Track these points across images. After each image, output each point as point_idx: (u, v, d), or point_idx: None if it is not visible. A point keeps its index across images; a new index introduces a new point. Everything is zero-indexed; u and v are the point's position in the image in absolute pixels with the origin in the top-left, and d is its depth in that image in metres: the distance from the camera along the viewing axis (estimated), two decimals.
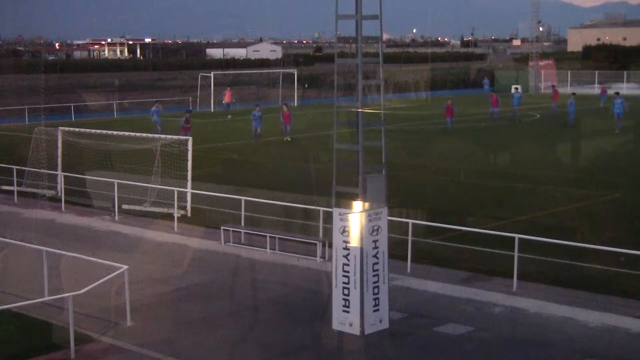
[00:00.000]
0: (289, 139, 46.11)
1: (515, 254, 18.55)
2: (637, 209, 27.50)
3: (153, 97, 71.67)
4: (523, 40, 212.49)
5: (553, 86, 70.05)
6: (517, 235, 18.77)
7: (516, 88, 72.81)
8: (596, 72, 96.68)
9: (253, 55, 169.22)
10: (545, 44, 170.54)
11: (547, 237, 19.73)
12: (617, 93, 59.71)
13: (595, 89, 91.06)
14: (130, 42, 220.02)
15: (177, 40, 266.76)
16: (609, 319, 16.65)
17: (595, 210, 27.71)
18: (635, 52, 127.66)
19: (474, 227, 21.98)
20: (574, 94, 61.86)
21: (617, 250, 18.43)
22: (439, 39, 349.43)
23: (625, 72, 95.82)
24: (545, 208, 27.72)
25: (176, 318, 17.17)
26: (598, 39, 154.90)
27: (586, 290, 18.34)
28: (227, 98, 67.23)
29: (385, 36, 35.59)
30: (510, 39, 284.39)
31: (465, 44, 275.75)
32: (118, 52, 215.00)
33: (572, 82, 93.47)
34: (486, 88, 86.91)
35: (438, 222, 21.95)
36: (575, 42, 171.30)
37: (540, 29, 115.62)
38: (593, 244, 19.06)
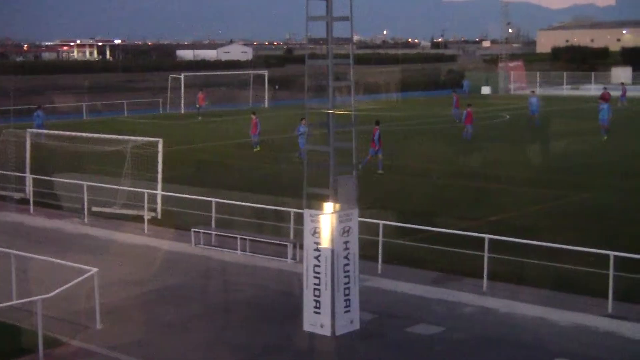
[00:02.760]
0: (258, 149, 43.87)
1: (485, 254, 18.64)
2: (606, 209, 27.73)
3: (123, 99, 71.39)
4: (493, 42, 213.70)
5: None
6: (487, 236, 18.86)
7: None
8: (565, 73, 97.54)
9: (224, 57, 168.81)
10: (515, 45, 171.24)
11: (517, 238, 19.84)
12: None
13: (564, 90, 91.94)
14: (100, 44, 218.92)
15: (148, 42, 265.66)
16: (579, 318, 16.78)
17: (565, 210, 27.92)
18: (602, 54, 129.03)
19: (445, 228, 22.06)
20: (532, 91, 62.40)
21: (587, 250, 18.57)
22: (410, 40, 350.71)
23: (592, 74, 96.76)
24: (516, 208, 27.89)
25: (147, 321, 17.08)
26: (566, 41, 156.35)
27: (556, 290, 18.48)
28: (200, 101, 67.10)
29: (355, 37, 35.71)
30: (480, 41, 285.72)
31: (436, 45, 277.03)
32: (87, 53, 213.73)
33: (541, 83, 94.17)
34: (465, 89, 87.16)
35: (409, 223, 22.00)
36: (544, 43, 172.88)
37: (510, 30, 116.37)
38: (563, 244, 19.18)
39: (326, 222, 15.69)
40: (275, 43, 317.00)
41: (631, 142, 45.86)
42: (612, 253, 17.14)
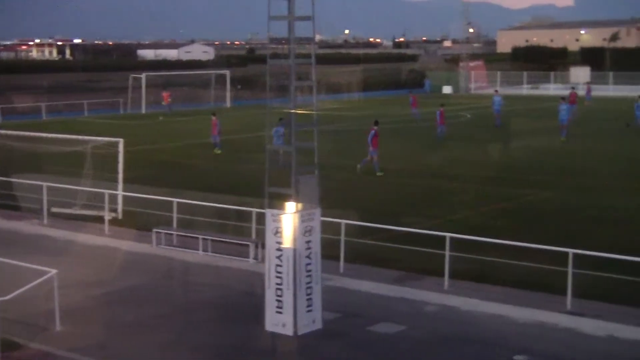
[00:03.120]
0: (219, 152, 43.04)
1: (447, 253, 18.76)
2: (566, 207, 28.04)
3: (84, 99, 70.73)
4: (454, 42, 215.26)
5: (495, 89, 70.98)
6: (448, 235, 18.98)
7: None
8: (524, 73, 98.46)
9: (185, 57, 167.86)
10: (475, 45, 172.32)
11: (478, 236, 20.00)
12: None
13: (524, 90, 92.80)
14: (60, 43, 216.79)
15: (108, 41, 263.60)
16: (538, 315, 16.95)
17: (525, 208, 28.17)
18: (561, 54, 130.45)
19: (407, 227, 22.17)
20: (496, 90, 62.86)
21: (546, 248, 18.77)
22: (371, 40, 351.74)
23: (552, 73, 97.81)
24: (477, 207, 28.10)
25: (107, 322, 16.94)
26: (526, 41, 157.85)
27: (516, 288, 18.66)
28: (165, 99, 66.81)
29: (317, 37, 35.56)
30: (442, 40, 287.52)
31: (397, 45, 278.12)
32: (47, 53, 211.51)
33: (502, 82, 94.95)
34: (426, 89, 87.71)
35: (371, 222, 22.07)
36: (505, 43, 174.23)
37: (471, 30, 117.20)
38: (523, 242, 19.37)
39: (288, 221, 15.69)
40: (237, 43, 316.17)
41: (589, 142, 46.33)
42: (570, 250, 17.34)
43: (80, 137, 29.80)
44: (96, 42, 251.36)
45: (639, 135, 49.18)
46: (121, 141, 28.07)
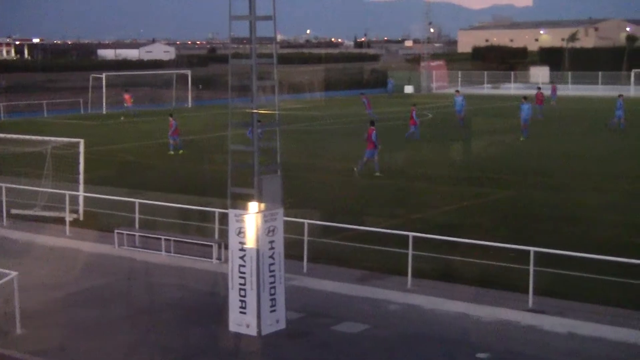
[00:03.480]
0: (174, 152, 42.55)
1: (410, 252, 18.83)
2: (526, 206, 28.28)
3: (43, 99, 69.99)
4: (415, 42, 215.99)
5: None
6: (411, 234, 19.05)
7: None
8: (485, 72, 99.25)
9: (146, 56, 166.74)
10: (437, 45, 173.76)
11: (440, 235, 20.11)
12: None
13: (485, 89, 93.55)
14: (17, 43, 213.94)
15: (67, 41, 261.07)
16: (501, 313, 17.08)
17: (487, 207, 28.38)
18: (521, 54, 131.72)
19: (370, 227, 22.23)
20: (457, 91, 63.22)
21: (507, 246, 18.94)
22: (333, 39, 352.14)
23: (512, 73, 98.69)
24: (438, 206, 28.26)
25: (69, 324, 16.79)
26: (486, 40, 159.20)
27: (478, 286, 18.78)
28: (127, 101, 66.22)
29: (279, 37, 35.59)
30: (403, 40, 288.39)
31: (359, 44, 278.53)
32: (4, 52, 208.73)
33: (463, 82, 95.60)
34: (389, 89, 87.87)
35: (334, 222, 22.11)
36: (465, 43, 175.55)
37: (431, 30, 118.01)
38: (484, 241, 19.52)
39: (251, 222, 15.66)
40: (198, 42, 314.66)
41: (553, 141, 46.74)
42: (532, 249, 17.49)
43: (40, 137, 29.49)
44: (55, 41, 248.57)
45: (607, 133, 49.72)
46: (82, 141, 27.81)
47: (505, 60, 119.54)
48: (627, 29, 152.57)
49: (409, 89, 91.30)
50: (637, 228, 24.85)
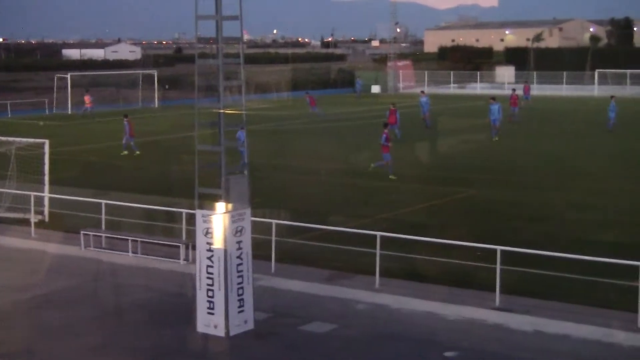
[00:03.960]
0: (132, 153, 42.14)
1: (377, 251, 18.89)
2: (491, 205, 28.47)
3: (7, 99, 69.22)
4: (382, 41, 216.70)
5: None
6: (378, 233, 19.11)
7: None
8: (451, 72, 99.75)
9: (112, 56, 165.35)
10: (403, 44, 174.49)
11: (408, 234, 20.19)
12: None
13: (451, 89, 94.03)
14: None
15: (31, 40, 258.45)
16: (467, 312, 17.18)
17: (454, 206, 28.53)
18: (487, 54, 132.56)
19: (338, 226, 22.26)
20: (422, 91, 63.44)
21: (474, 245, 19.07)
22: (300, 39, 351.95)
23: (478, 73, 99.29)
24: (406, 206, 28.35)
25: (35, 327, 16.64)
26: (453, 40, 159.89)
27: (446, 285, 18.89)
28: (87, 103, 65.60)
29: (245, 37, 35.50)
30: (369, 40, 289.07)
31: (326, 44, 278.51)
32: None
33: (429, 82, 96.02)
34: (358, 89, 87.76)
35: (302, 222, 22.11)
36: (432, 43, 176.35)
37: (398, 30, 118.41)
38: (451, 240, 19.63)
39: (218, 222, 15.62)
40: (164, 42, 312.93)
41: (522, 141, 46.97)
42: (498, 247, 17.62)
43: (3, 138, 29.18)
44: (19, 41, 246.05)
45: (577, 135, 50.13)
46: (47, 142, 27.58)
47: (471, 60, 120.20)
48: (591, 29, 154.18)
49: (376, 89, 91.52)
50: (601, 226, 25.14)
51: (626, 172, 35.30)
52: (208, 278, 15.85)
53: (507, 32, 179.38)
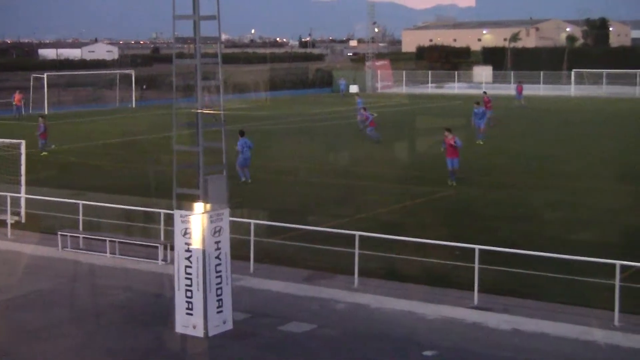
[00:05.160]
0: (46, 154, 41.36)
1: (356, 251, 18.90)
2: (468, 205, 28.57)
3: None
4: (359, 41, 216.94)
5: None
6: (357, 233, 19.13)
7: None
8: (429, 72, 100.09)
9: (88, 56, 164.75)
10: (381, 44, 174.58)
11: (386, 234, 20.22)
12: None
13: (429, 89, 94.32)
14: None
15: (7, 40, 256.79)
16: (446, 311, 17.23)
17: (431, 206, 28.61)
18: (464, 53, 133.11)
19: (316, 226, 22.26)
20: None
21: (453, 244, 19.13)
22: (278, 39, 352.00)
23: (456, 72, 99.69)
24: (384, 205, 28.40)
25: (12, 328, 16.51)
26: (430, 40, 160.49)
27: (424, 284, 18.94)
28: (16, 101, 64.34)
29: (223, 37, 35.34)
30: (348, 40, 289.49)
31: (304, 44, 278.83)
32: None
33: (407, 81, 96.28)
34: (342, 89, 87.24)
35: (280, 222, 22.09)
36: (409, 42, 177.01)
37: (376, 30, 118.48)
38: (429, 239, 19.68)
39: (197, 222, 15.58)
40: (141, 42, 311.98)
41: (502, 141, 47.02)
42: (476, 247, 17.68)
43: None
44: None
45: (550, 135, 50.42)
46: (23, 142, 27.38)
47: (449, 60, 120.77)
48: (567, 29, 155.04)
49: (354, 89, 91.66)
50: (578, 225, 25.30)
51: (605, 172, 35.46)
52: (186, 278, 15.80)
53: (484, 32, 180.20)
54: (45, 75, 71.76)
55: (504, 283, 18.63)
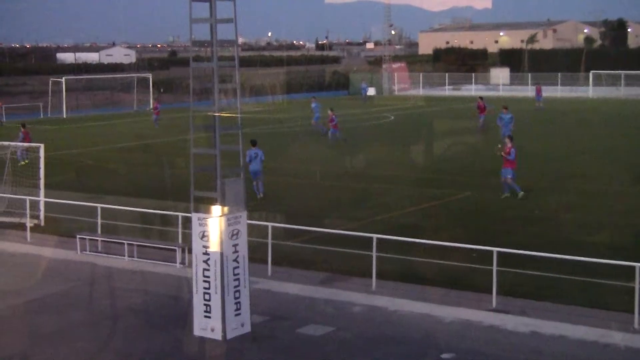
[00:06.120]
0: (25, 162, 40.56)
1: (374, 253, 18.89)
2: (485, 207, 28.46)
3: (1, 103, 69.08)
4: (376, 44, 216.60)
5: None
6: (374, 235, 19.11)
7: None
8: (446, 74, 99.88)
9: (106, 60, 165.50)
10: (397, 47, 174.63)
11: (403, 236, 20.18)
12: (506, 107, 61.23)
13: (446, 91, 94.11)
14: None
15: (26, 44, 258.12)
16: (463, 314, 17.18)
17: (448, 208, 28.52)
18: (481, 55, 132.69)
19: (333, 229, 22.25)
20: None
21: (470, 247, 19.07)
22: (294, 42, 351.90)
23: (473, 74, 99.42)
24: (402, 208, 28.34)
25: (29, 331, 16.59)
26: (447, 42, 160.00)
27: (441, 287, 18.89)
28: None
29: (240, 40, 35.34)
30: (364, 42, 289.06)
31: (320, 47, 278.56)
32: None
33: (424, 84, 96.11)
34: (364, 92, 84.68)
35: (298, 225, 22.09)
36: (426, 45, 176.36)
37: (392, 32, 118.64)
38: (447, 241, 19.63)
39: (215, 225, 15.60)
40: (159, 45, 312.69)
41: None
42: (495, 249, 17.62)
43: None
44: (13, 45, 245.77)
45: (567, 136, 50.16)
46: (42, 146, 27.53)
47: (466, 62, 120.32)
48: (585, 30, 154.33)
49: (371, 91, 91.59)
50: (594, 227, 25.15)
51: (623, 174, 35.23)
52: (204, 281, 15.82)
53: (501, 33, 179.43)
54: (63, 79, 72.19)
55: (522, 285, 18.55)
